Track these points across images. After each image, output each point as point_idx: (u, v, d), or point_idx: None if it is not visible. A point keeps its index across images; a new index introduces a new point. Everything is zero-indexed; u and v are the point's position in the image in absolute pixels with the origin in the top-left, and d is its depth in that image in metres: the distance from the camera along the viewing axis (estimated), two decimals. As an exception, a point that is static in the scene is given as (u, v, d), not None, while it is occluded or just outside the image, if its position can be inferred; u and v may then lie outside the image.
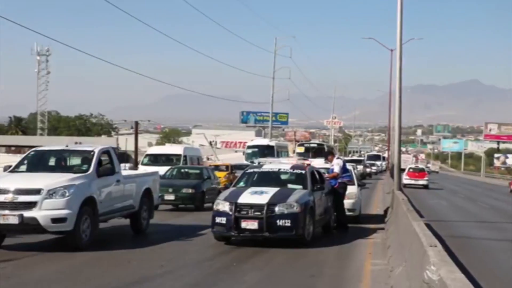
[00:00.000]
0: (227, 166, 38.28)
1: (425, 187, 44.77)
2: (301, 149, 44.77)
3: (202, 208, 21.55)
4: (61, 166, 13.67)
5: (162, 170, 25.58)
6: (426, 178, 45.86)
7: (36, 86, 62.61)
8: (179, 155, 30.30)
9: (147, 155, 31.72)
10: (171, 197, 21.66)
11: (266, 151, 40.06)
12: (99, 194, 12.86)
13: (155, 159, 30.30)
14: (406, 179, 43.33)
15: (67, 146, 14.78)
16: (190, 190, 22.01)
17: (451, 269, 6.08)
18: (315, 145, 47.51)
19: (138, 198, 14.75)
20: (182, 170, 25.01)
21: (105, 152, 13.87)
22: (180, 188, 21.97)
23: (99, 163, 13.25)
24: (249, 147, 44.62)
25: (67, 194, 11.73)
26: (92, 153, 13.36)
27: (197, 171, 24.60)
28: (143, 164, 29.85)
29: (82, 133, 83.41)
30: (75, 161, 14.27)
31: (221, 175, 35.90)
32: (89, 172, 12.77)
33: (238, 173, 36.85)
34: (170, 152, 31.63)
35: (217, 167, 37.99)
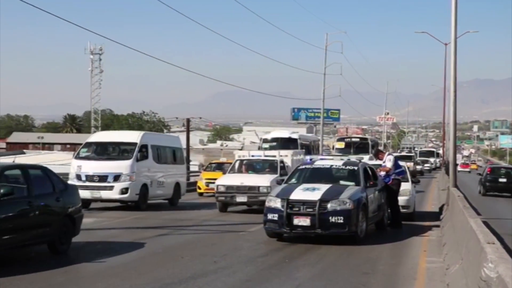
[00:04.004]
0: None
1: (469, 172, 76.35)
2: (340, 145, 39.93)
3: None
4: None
5: (103, 168, 19.81)
6: (469, 168, 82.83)
7: (90, 85, 63.94)
8: (134, 144, 20.59)
9: (86, 144, 21.55)
10: None
11: (291, 145, 32.39)
12: None
13: (99, 151, 20.92)
14: (458, 168, 57.75)
15: None
16: None
17: (509, 266, 5.90)
18: (357, 139, 42.52)
19: None
20: None
21: None
22: None
23: None
24: (265, 140, 35.42)
25: None
26: None
27: None
28: (77, 157, 20.64)
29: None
30: None
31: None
32: None
33: None
34: (120, 140, 21.74)
35: (220, 166, 30.26)
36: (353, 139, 42.73)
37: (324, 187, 13.32)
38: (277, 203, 13.03)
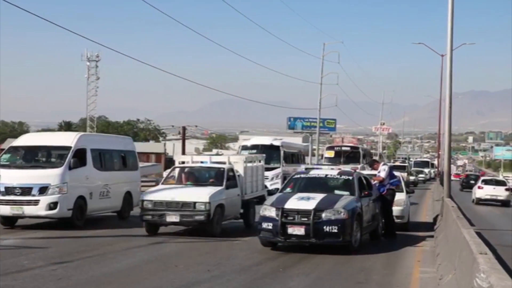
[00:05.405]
0: None
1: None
2: (330, 154, 38.45)
3: None
4: None
5: (28, 178, 16.28)
6: (461, 177, 76.78)
7: (86, 92, 63.87)
8: (67, 148, 17.03)
9: (10, 148, 18.21)
10: None
11: (274, 153, 30.04)
12: None
13: (25, 157, 17.63)
14: (452, 178, 66.26)
15: None
16: None
17: (501, 277, 5.95)
18: (348, 148, 40.86)
19: None
20: None
21: None
22: None
23: None
24: (245, 147, 32.34)
25: None
26: None
27: None
28: None
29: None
30: None
31: None
32: None
33: None
34: (51, 144, 17.89)
35: None
36: (344, 148, 40.91)
37: (318, 197, 13.34)
38: (271, 212, 13.04)
